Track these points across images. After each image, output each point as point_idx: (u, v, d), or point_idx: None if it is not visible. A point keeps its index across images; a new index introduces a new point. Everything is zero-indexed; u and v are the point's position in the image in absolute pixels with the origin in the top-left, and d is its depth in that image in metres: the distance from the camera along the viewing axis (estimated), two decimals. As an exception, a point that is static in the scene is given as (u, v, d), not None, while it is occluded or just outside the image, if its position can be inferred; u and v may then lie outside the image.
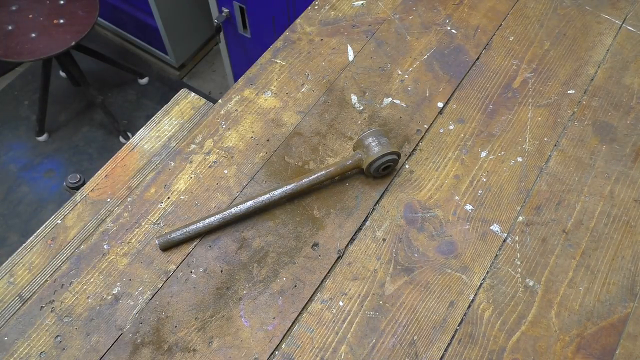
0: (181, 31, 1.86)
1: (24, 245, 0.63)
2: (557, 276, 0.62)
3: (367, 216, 0.65)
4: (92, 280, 0.61)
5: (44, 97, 1.77)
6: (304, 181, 0.64)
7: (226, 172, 0.68)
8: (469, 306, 0.60)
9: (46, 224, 0.64)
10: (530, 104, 0.74)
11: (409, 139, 0.71)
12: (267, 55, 0.78)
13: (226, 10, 1.42)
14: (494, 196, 0.67)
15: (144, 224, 0.64)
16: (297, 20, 0.81)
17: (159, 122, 0.72)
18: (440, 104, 0.74)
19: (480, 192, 0.67)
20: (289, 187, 0.64)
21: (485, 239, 0.64)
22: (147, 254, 0.62)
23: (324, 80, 0.75)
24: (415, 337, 0.58)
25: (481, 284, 0.61)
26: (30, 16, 1.55)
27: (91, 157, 1.86)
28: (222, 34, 1.54)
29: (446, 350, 0.58)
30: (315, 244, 0.63)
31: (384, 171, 0.66)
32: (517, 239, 0.64)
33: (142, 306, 0.59)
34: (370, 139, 0.65)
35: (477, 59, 0.78)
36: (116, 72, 1.98)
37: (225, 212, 0.62)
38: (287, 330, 0.58)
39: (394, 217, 0.65)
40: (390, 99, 0.74)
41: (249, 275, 0.61)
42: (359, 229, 0.65)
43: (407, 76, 0.76)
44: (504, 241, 0.64)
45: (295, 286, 0.61)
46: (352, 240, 0.64)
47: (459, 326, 0.59)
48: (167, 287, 0.61)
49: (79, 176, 0.70)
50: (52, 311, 0.59)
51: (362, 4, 0.83)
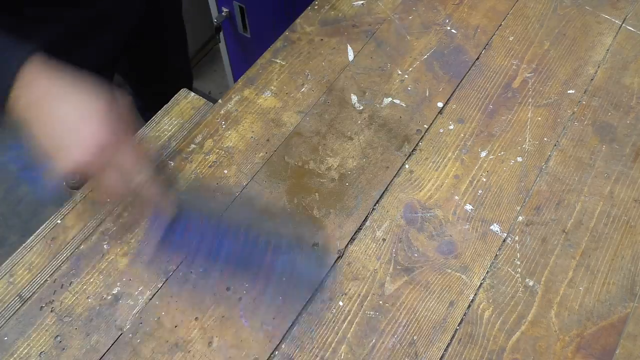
0: (181, 31, 1.86)
1: (24, 245, 0.63)
2: (557, 276, 0.62)
3: (367, 216, 0.65)
4: (92, 280, 0.61)
5: None
6: None
7: (226, 172, 0.68)
8: (469, 306, 0.60)
9: (46, 224, 0.64)
10: (530, 103, 0.74)
11: (409, 139, 0.71)
12: (267, 55, 0.78)
13: (226, 10, 1.42)
14: (494, 196, 0.67)
15: (144, 223, 0.64)
16: (297, 20, 0.81)
17: (158, 122, 0.72)
18: (440, 104, 0.74)
19: (480, 192, 0.67)
20: None
21: (485, 239, 0.64)
22: (147, 254, 0.62)
23: (324, 80, 0.75)
24: (415, 337, 0.58)
25: (481, 284, 0.61)
26: (30, 16, 1.54)
27: (91, 157, 1.86)
28: (222, 34, 1.54)
29: (446, 350, 0.58)
30: (315, 244, 0.63)
31: None
32: (517, 239, 0.64)
33: (142, 306, 0.59)
34: None
35: (477, 59, 0.78)
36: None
37: None
38: (287, 330, 0.58)
39: (394, 217, 0.65)
40: (390, 99, 0.74)
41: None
42: (359, 229, 0.65)
43: (407, 76, 0.76)
44: (504, 241, 0.64)
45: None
46: (352, 240, 0.64)
47: (458, 326, 0.59)
48: (167, 287, 0.61)
49: (79, 176, 0.70)
50: (52, 311, 0.59)
51: (362, 4, 0.83)
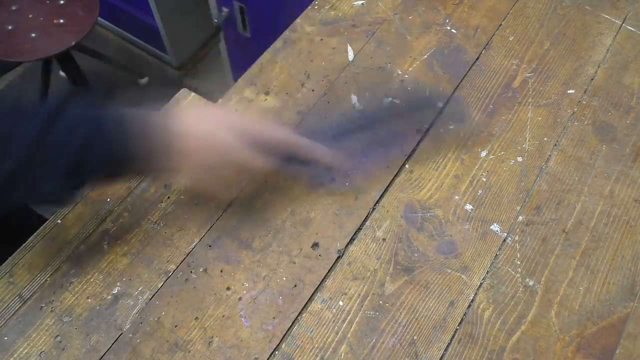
0: (181, 31, 1.86)
1: (24, 245, 0.63)
2: (557, 276, 0.62)
3: (367, 216, 0.65)
4: (92, 280, 0.61)
5: (44, 97, 1.76)
6: None
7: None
8: (469, 306, 0.60)
9: (46, 223, 0.64)
10: (530, 103, 0.74)
11: (409, 139, 0.71)
12: (267, 55, 0.78)
13: (226, 10, 1.42)
14: (494, 196, 0.67)
15: (144, 223, 0.64)
16: (297, 20, 0.81)
17: (159, 122, 0.72)
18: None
19: (480, 191, 0.67)
20: None
21: (485, 239, 0.64)
22: (147, 254, 0.62)
23: (324, 80, 0.75)
24: (415, 337, 0.58)
25: (481, 283, 0.61)
26: (30, 16, 1.54)
27: (91, 157, 1.86)
28: (222, 33, 1.54)
29: (446, 350, 0.58)
30: (315, 244, 0.63)
31: None
32: (517, 238, 0.64)
33: (142, 306, 0.59)
34: None
35: (477, 58, 0.78)
36: (116, 72, 1.98)
37: None
38: (287, 330, 0.58)
39: (394, 217, 0.65)
40: (390, 99, 0.74)
41: (249, 275, 0.61)
42: (359, 229, 0.65)
43: (407, 76, 0.76)
44: (504, 241, 0.64)
45: (295, 286, 0.61)
46: (352, 240, 0.64)
47: (459, 326, 0.59)
48: (167, 287, 0.61)
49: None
50: (52, 311, 0.59)
51: (362, 3, 0.83)
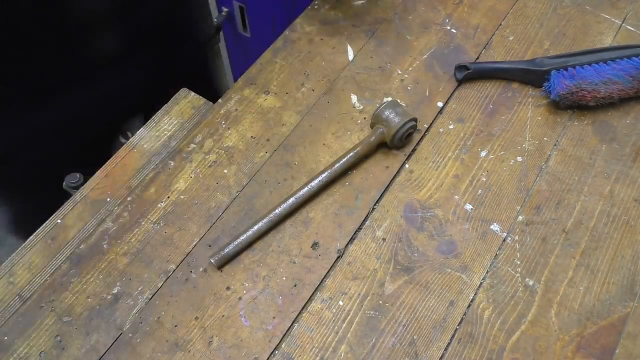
0: (181, 31, 1.86)
1: (24, 245, 0.63)
2: (557, 276, 0.62)
3: (367, 216, 0.65)
4: (92, 280, 0.61)
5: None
6: (336, 167, 0.65)
7: (226, 171, 0.68)
8: (469, 306, 0.60)
9: (46, 223, 0.64)
10: (530, 103, 0.74)
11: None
12: (267, 54, 0.78)
13: (226, 9, 1.42)
14: (494, 196, 0.67)
15: (144, 223, 0.64)
16: (297, 19, 0.81)
17: (158, 122, 0.72)
18: (440, 104, 0.74)
19: (480, 191, 0.67)
20: (323, 175, 0.65)
21: (485, 239, 0.64)
22: (147, 253, 0.62)
23: (324, 80, 0.75)
24: (415, 337, 0.58)
25: (481, 283, 0.61)
26: (30, 16, 1.54)
27: (91, 156, 1.86)
28: (222, 34, 1.54)
29: (446, 349, 0.58)
30: (315, 244, 0.63)
31: (406, 139, 0.69)
32: (517, 238, 0.64)
33: (142, 306, 0.59)
34: (387, 112, 0.67)
35: (477, 58, 0.78)
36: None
37: (271, 215, 0.63)
38: (287, 329, 0.59)
39: (394, 217, 0.65)
40: (390, 99, 0.74)
41: (249, 274, 0.61)
42: (359, 229, 0.65)
43: (407, 76, 0.76)
44: (504, 241, 0.64)
45: (295, 286, 0.61)
46: (352, 239, 0.64)
47: (458, 326, 0.59)
48: (167, 287, 0.61)
49: (78, 175, 0.70)
50: (52, 311, 0.59)
51: (362, 3, 0.83)
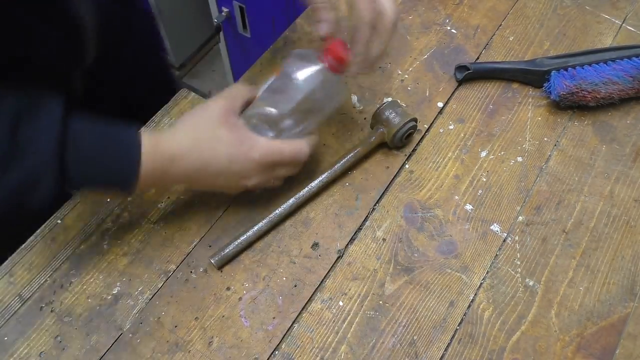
0: (181, 31, 1.86)
1: (24, 245, 0.63)
2: (557, 276, 0.62)
3: (367, 216, 0.65)
4: (92, 280, 0.61)
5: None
6: (336, 167, 0.65)
7: (226, 172, 0.68)
8: (469, 306, 0.60)
9: (46, 223, 0.64)
10: (530, 103, 0.74)
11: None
12: (267, 55, 0.78)
13: (226, 10, 1.42)
14: (494, 196, 0.67)
15: (144, 223, 0.64)
16: (297, 20, 0.81)
17: (158, 122, 0.72)
18: (440, 104, 0.74)
19: (480, 192, 0.67)
20: (323, 176, 0.65)
21: (485, 239, 0.64)
22: (147, 254, 0.62)
23: (324, 80, 0.75)
24: (415, 337, 0.58)
25: (481, 283, 0.61)
26: (30, 16, 1.54)
27: (91, 157, 1.86)
28: (222, 33, 1.54)
29: (446, 350, 0.58)
30: (315, 244, 0.63)
31: (407, 140, 0.69)
32: (517, 238, 0.64)
33: (142, 306, 0.59)
34: (387, 112, 0.67)
35: (477, 58, 0.78)
36: (116, 72, 1.98)
37: (271, 215, 0.63)
38: (287, 330, 0.58)
39: (394, 217, 0.65)
40: (390, 99, 0.74)
41: (249, 275, 0.61)
42: (359, 229, 0.65)
43: (407, 76, 0.76)
44: (504, 241, 0.64)
45: (295, 286, 0.61)
46: (352, 240, 0.64)
47: (459, 326, 0.59)
48: (167, 287, 0.61)
49: None
50: (52, 311, 0.59)
51: (362, 3, 0.83)
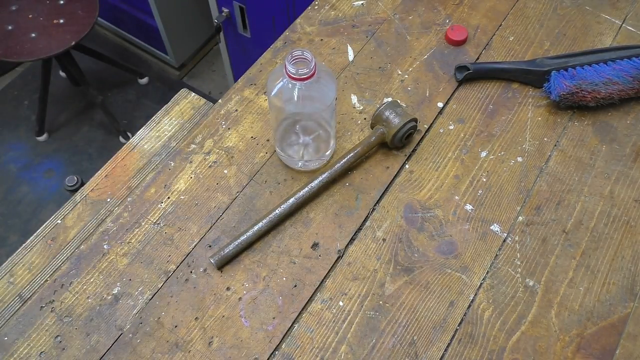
0: (181, 31, 1.86)
1: (24, 245, 0.63)
2: (557, 276, 0.62)
3: (367, 216, 0.65)
4: (92, 280, 0.61)
5: (44, 97, 1.76)
6: (336, 167, 0.65)
7: (226, 172, 0.68)
8: (469, 306, 0.60)
9: (46, 224, 0.64)
10: (530, 104, 0.74)
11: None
12: (267, 55, 0.78)
13: (226, 10, 1.42)
14: (494, 196, 0.67)
15: (144, 224, 0.64)
16: (297, 20, 0.81)
17: (159, 122, 0.72)
18: (440, 104, 0.74)
19: (480, 192, 0.67)
20: (323, 176, 0.65)
21: (485, 239, 0.64)
22: (147, 254, 0.62)
23: (324, 80, 0.75)
24: (415, 337, 0.58)
25: (481, 284, 0.61)
26: (30, 16, 1.55)
27: (91, 157, 1.86)
28: (222, 34, 1.54)
29: (446, 350, 0.58)
30: (315, 244, 0.63)
31: (407, 140, 0.69)
32: (517, 239, 0.64)
33: (142, 306, 0.59)
34: (387, 112, 0.67)
35: (477, 59, 0.78)
36: (116, 72, 1.98)
37: (271, 215, 0.63)
38: (287, 330, 0.58)
39: (394, 217, 0.65)
40: (390, 99, 0.74)
41: (249, 275, 0.61)
42: (359, 229, 0.65)
43: (407, 76, 0.76)
44: (504, 241, 0.64)
45: (295, 286, 0.61)
46: (352, 240, 0.64)
47: (459, 326, 0.59)
48: (167, 287, 0.61)
49: (76, 178, 0.70)
50: (52, 311, 0.59)
51: (362, 4, 0.83)
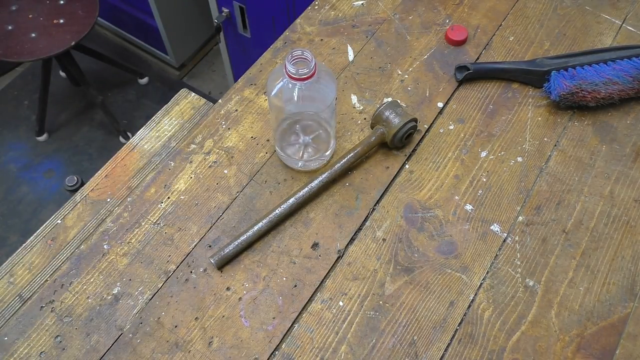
0: (181, 31, 1.86)
1: (24, 245, 0.63)
2: (557, 276, 0.62)
3: (367, 216, 0.65)
4: (92, 280, 0.61)
5: (44, 97, 1.76)
6: (336, 167, 0.65)
7: (226, 172, 0.68)
8: (469, 306, 0.60)
9: (46, 224, 0.64)
10: (530, 104, 0.74)
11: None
12: (267, 55, 0.78)
13: (226, 10, 1.42)
14: (494, 196, 0.67)
15: (144, 224, 0.64)
16: (297, 20, 0.81)
17: (159, 122, 0.72)
18: (440, 104, 0.74)
19: (480, 192, 0.67)
20: (323, 176, 0.65)
21: (485, 239, 0.64)
22: (147, 254, 0.62)
23: (324, 80, 0.75)
24: (415, 337, 0.58)
25: (481, 284, 0.61)
26: (30, 16, 1.55)
27: (91, 157, 1.86)
28: (222, 34, 1.54)
29: (446, 350, 0.58)
30: (315, 244, 0.63)
31: (407, 140, 0.69)
32: (517, 239, 0.64)
33: (142, 306, 0.59)
34: (387, 112, 0.67)
35: (477, 59, 0.78)
36: (116, 72, 1.98)
37: (271, 215, 0.63)
38: (287, 330, 0.58)
39: (394, 217, 0.65)
40: (390, 99, 0.74)
41: (249, 275, 0.61)
42: (359, 229, 0.65)
43: (407, 76, 0.76)
44: (504, 241, 0.64)
45: (295, 286, 0.61)
46: (352, 240, 0.64)
47: (459, 326, 0.59)
48: (167, 287, 0.61)
49: (76, 178, 0.70)
50: (52, 311, 0.59)
51: (362, 4, 0.83)
